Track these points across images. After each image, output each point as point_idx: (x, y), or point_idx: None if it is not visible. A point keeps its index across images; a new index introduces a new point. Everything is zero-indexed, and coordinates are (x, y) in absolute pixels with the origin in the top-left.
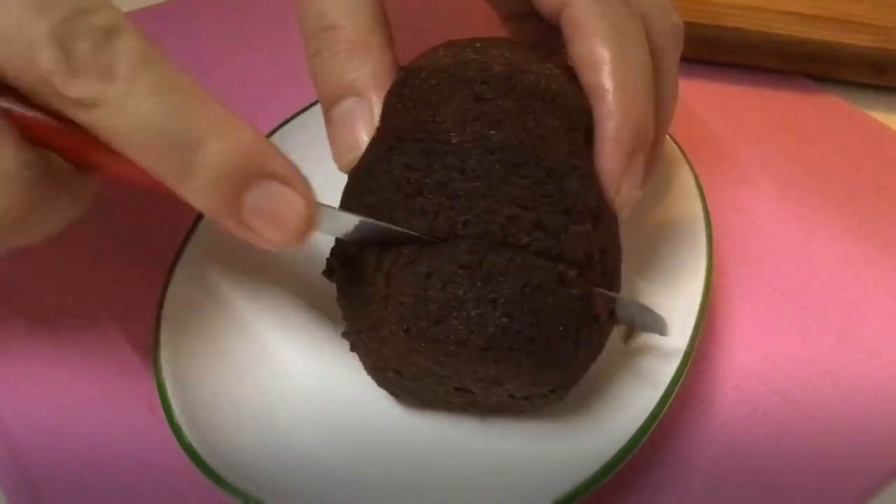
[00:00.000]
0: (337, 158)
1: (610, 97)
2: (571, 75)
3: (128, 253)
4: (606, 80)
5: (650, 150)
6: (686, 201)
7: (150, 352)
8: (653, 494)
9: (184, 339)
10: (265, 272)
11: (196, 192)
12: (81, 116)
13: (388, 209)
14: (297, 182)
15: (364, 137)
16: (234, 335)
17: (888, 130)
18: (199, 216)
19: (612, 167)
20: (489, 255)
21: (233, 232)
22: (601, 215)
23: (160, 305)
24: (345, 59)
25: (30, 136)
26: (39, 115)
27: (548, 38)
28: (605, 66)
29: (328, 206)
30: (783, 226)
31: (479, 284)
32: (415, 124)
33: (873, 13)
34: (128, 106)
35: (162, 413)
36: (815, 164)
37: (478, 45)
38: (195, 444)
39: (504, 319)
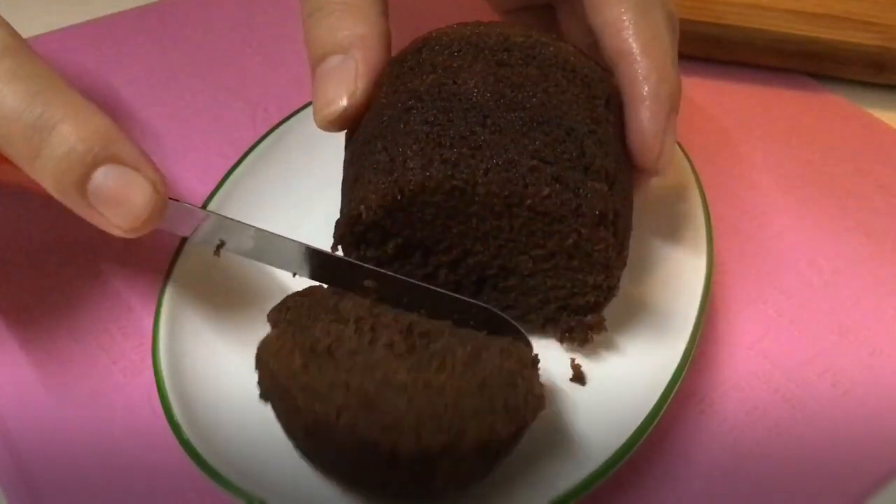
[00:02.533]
0: (315, 112)
1: (645, 60)
2: (585, 55)
3: (126, 250)
4: (639, 45)
5: None
6: (686, 199)
7: (150, 349)
8: (652, 492)
9: (182, 336)
10: (265, 270)
11: (44, 172)
12: None
13: (401, 162)
14: (146, 168)
15: (344, 94)
16: (232, 332)
17: (889, 129)
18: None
19: (654, 126)
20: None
21: (81, 214)
22: (617, 180)
23: (159, 303)
24: (337, 19)
25: None
26: None
27: (543, 30)
28: (637, 31)
29: (186, 204)
30: (783, 224)
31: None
32: (434, 87)
33: (874, 11)
34: None
35: (161, 411)
36: (815, 162)
37: (490, 25)
38: (194, 442)
39: None
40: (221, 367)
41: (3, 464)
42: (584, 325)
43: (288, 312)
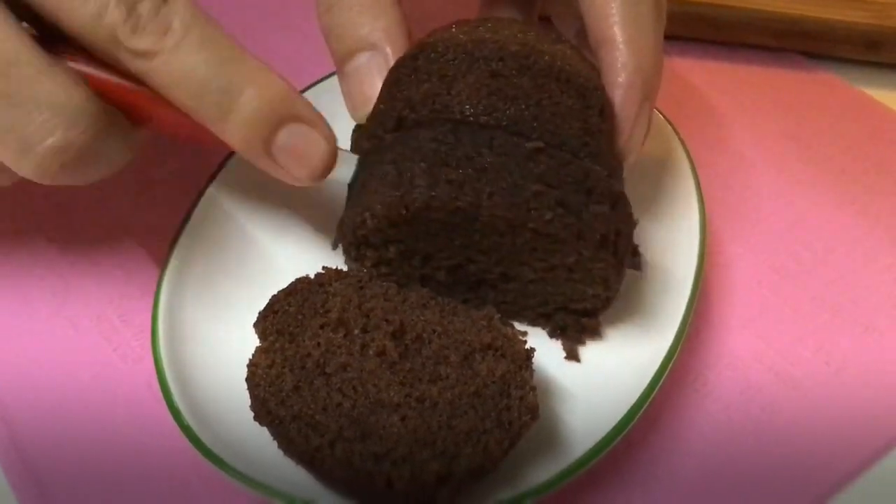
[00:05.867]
0: (353, 110)
1: (622, 47)
2: (582, 56)
3: (125, 239)
4: (619, 32)
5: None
6: (679, 179)
7: (149, 336)
8: (647, 470)
9: (182, 322)
10: (261, 263)
11: (234, 132)
12: (139, 66)
13: (408, 179)
14: (321, 125)
15: (377, 91)
16: (232, 318)
17: (882, 107)
18: (196, 201)
19: (626, 112)
20: None
21: (264, 168)
22: (619, 198)
23: (157, 289)
24: (357, 13)
25: (96, 91)
26: (104, 74)
27: (524, 16)
28: (618, 18)
29: (346, 151)
30: (777, 203)
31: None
32: (428, 96)
33: None
34: (179, 56)
35: (161, 397)
36: (809, 140)
37: (489, 24)
38: (194, 427)
39: None
40: (221, 352)
41: (4, 451)
42: (578, 325)
43: (275, 318)
